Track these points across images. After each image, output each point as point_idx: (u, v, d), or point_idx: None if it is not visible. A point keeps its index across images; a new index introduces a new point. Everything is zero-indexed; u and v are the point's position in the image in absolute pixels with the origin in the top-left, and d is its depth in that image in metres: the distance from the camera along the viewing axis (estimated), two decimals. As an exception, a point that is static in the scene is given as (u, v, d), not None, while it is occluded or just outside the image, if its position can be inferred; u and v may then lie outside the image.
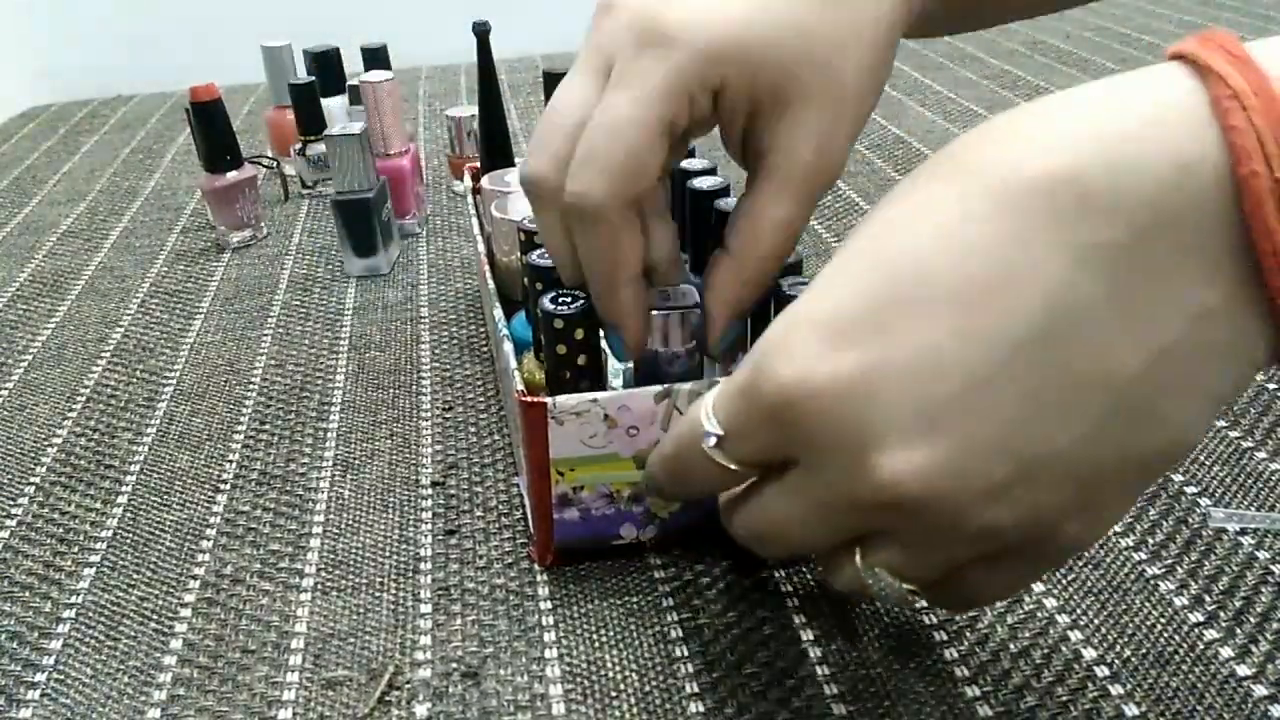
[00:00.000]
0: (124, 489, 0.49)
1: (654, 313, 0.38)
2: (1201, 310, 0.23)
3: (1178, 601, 0.38)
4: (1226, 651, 0.36)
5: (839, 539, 0.28)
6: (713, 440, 0.29)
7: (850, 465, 0.25)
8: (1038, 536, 0.26)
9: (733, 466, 0.29)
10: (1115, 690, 0.35)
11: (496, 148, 0.65)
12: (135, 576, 0.43)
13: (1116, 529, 0.42)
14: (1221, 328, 0.23)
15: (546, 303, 0.38)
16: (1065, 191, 0.23)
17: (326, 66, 0.85)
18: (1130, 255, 0.23)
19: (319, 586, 0.42)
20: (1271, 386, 0.50)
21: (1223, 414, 0.48)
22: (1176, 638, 0.36)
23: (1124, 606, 0.38)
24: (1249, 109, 0.22)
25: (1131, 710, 0.34)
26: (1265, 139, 0.21)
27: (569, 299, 0.38)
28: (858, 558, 0.28)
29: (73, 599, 0.42)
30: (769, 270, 0.37)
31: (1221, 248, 0.22)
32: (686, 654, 0.37)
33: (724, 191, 0.46)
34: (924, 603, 0.29)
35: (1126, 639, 0.37)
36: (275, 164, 0.88)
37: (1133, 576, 0.39)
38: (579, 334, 0.38)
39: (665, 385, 0.37)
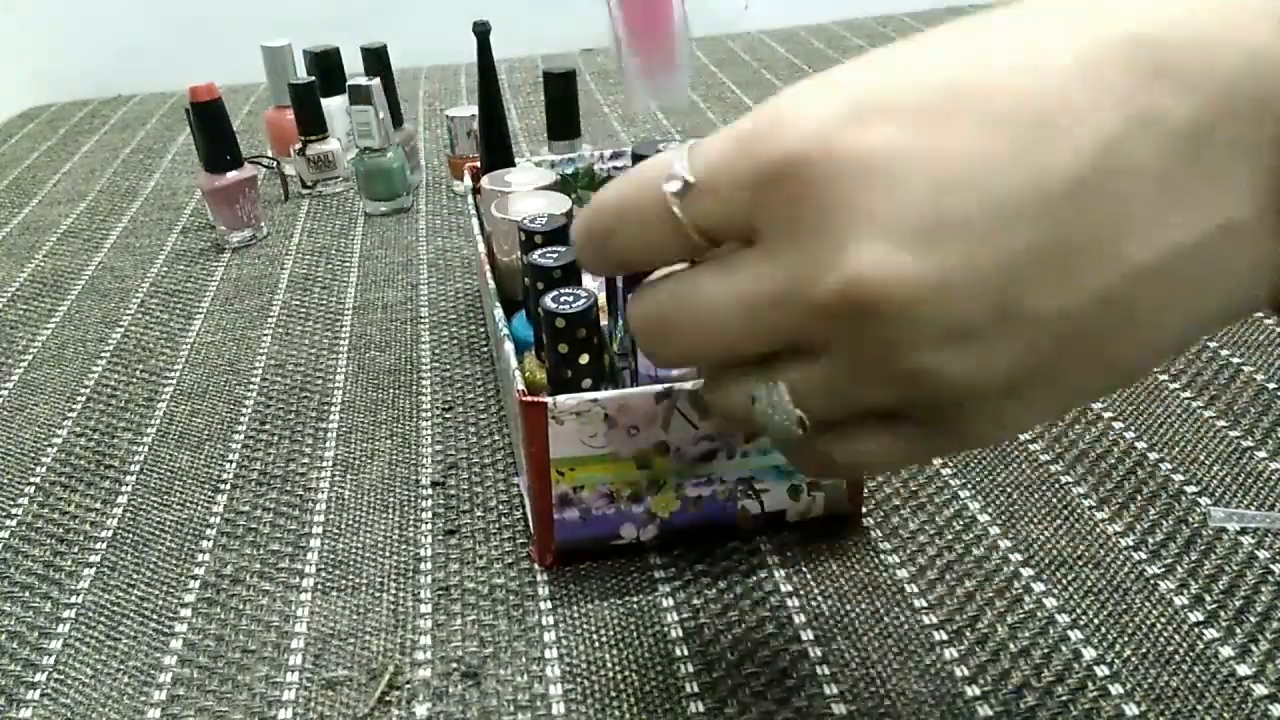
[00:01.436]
0: (124, 489, 0.49)
1: None
2: (1229, 221, 0.22)
3: (1178, 601, 0.38)
4: (1226, 651, 0.36)
5: (754, 345, 0.26)
6: (678, 184, 0.25)
7: (825, 250, 0.23)
8: (960, 409, 0.24)
9: (686, 222, 0.25)
10: (1115, 690, 0.35)
11: (496, 148, 0.65)
12: (135, 576, 0.43)
13: (1116, 528, 0.42)
14: (1241, 248, 0.22)
15: (549, 301, 0.38)
16: (1145, 54, 0.22)
17: (326, 66, 0.85)
18: (1187, 137, 0.22)
19: (319, 586, 0.42)
20: (1271, 386, 0.50)
21: (1223, 414, 0.49)
22: (1176, 637, 0.36)
23: (1124, 606, 0.38)
24: None
25: (1131, 710, 0.34)
26: None
27: (570, 298, 0.38)
28: (762, 372, 0.26)
29: (73, 599, 0.42)
30: None
31: (1270, 160, 0.22)
32: (686, 654, 0.37)
33: None
34: (798, 438, 0.27)
35: (1126, 639, 0.37)
36: (275, 164, 0.88)
37: (1133, 576, 0.39)
38: (581, 332, 0.38)
39: (666, 385, 0.37)
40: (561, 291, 0.39)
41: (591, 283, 0.47)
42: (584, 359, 0.38)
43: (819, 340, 0.25)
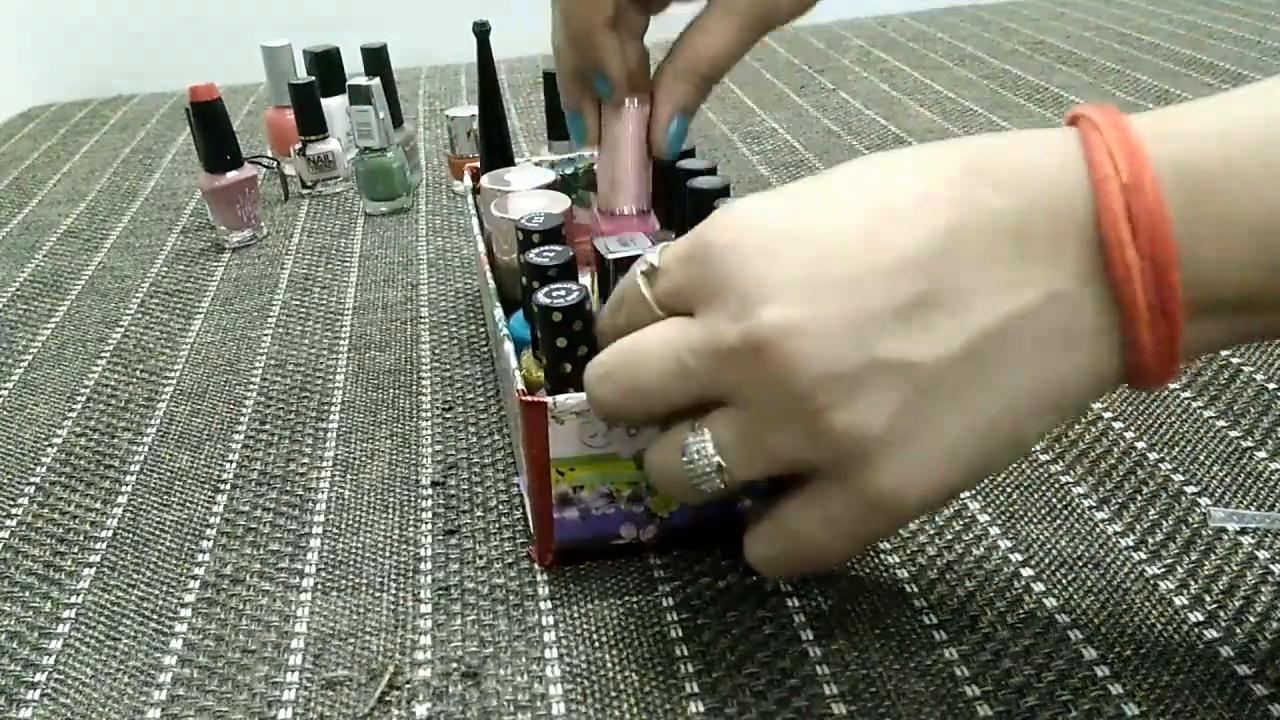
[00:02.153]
0: (124, 489, 0.49)
1: (611, 256, 0.42)
2: (1058, 291, 0.28)
3: (1178, 601, 0.38)
4: (1226, 651, 0.36)
5: (682, 393, 0.31)
6: (644, 265, 0.33)
7: (733, 309, 0.29)
8: (854, 457, 0.29)
9: (649, 298, 0.33)
10: (1115, 690, 0.35)
11: (496, 148, 0.65)
12: (135, 576, 0.43)
13: (1116, 528, 0.42)
14: (1072, 313, 0.28)
15: (541, 296, 0.38)
16: (971, 163, 0.29)
17: (326, 66, 0.85)
18: (1014, 222, 0.28)
19: (319, 586, 0.42)
20: (1272, 386, 0.50)
21: (1223, 414, 0.49)
22: (1176, 637, 0.36)
23: (1124, 606, 0.38)
24: (1104, 132, 0.28)
25: (1131, 710, 0.34)
26: (1116, 153, 0.27)
27: (564, 292, 0.38)
28: (691, 425, 0.32)
29: (73, 599, 0.42)
30: (702, 76, 0.45)
31: (1084, 243, 0.27)
32: (686, 654, 0.37)
33: (724, 191, 0.46)
34: (721, 490, 0.32)
35: (1126, 639, 0.37)
36: (275, 164, 0.88)
37: (1133, 576, 0.39)
38: (577, 325, 0.38)
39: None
40: (553, 287, 0.38)
41: (585, 279, 0.47)
42: (582, 351, 0.38)
43: (732, 390, 0.30)
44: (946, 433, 0.29)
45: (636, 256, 0.40)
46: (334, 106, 0.84)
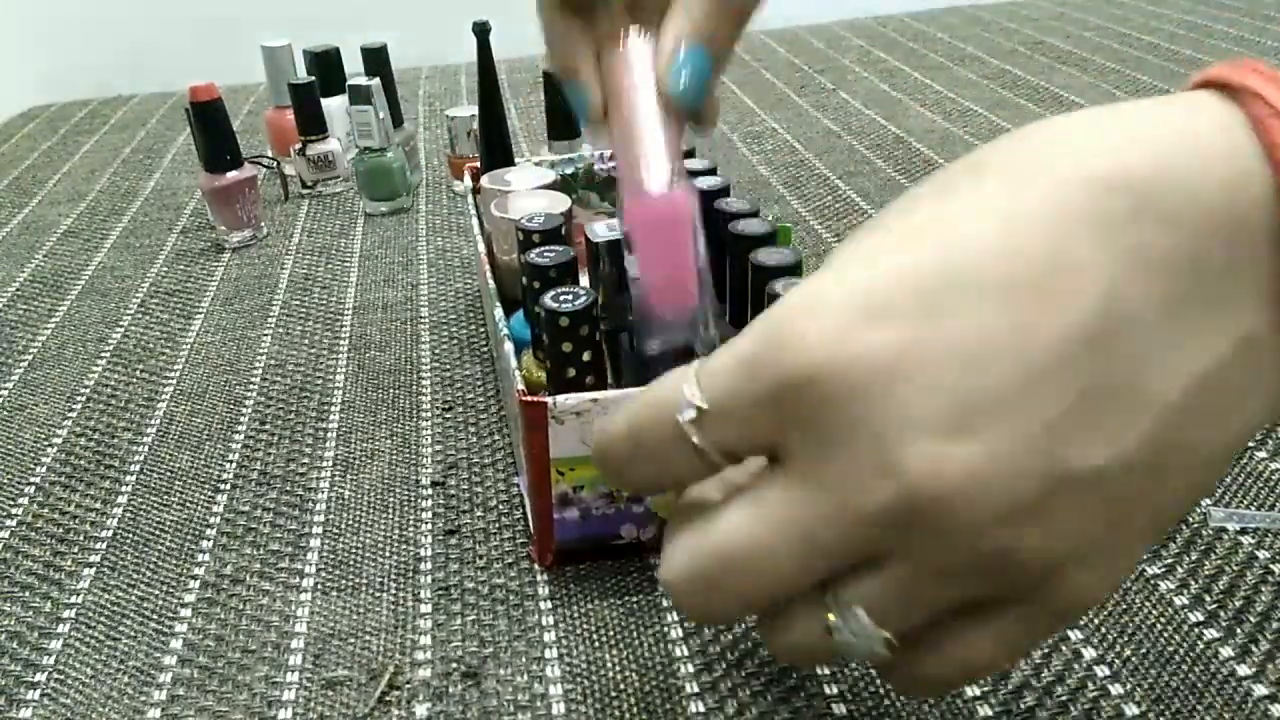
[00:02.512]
0: (124, 489, 0.49)
1: (598, 240, 0.40)
2: (1248, 337, 0.22)
3: (1178, 601, 0.38)
4: (1226, 651, 0.36)
5: (813, 574, 0.24)
6: (691, 413, 0.24)
7: (865, 461, 0.22)
8: (1046, 580, 0.24)
9: (706, 449, 0.25)
10: (1115, 690, 0.35)
11: (496, 148, 0.65)
12: (135, 576, 0.43)
13: (1116, 529, 0.42)
14: (1265, 357, 0.23)
15: (549, 301, 0.38)
16: (1121, 196, 0.22)
17: (326, 66, 0.85)
18: (1180, 268, 0.22)
19: (319, 586, 0.42)
20: (1271, 386, 0.50)
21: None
22: (1176, 637, 0.36)
23: (1124, 606, 0.38)
24: (1275, 103, 0.21)
25: (1131, 710, 0.34)
26: None
27: (570, 296, 0.38)
28: (828, 599, 0.25)
29: (73, 599, 0.42)
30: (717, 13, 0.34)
31: (1268, 268, 0.22)
32: (686, 654, 0.37)
33: (724, 191, 0.46)
34: (888, 657, 0.25)
35: (1126, 639, 0.37)
36: (275, 164, 0.88)
37: (1133, 576, 0.39)
38: (583, 330, 0.38)
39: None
40: (560, 290, 0.38)
41: (585, 278, 0.47)
42: (586, 356, 0.38)
43: (882, 550, 0.24)
44: (1141, 526, 0.24)
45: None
46: (334, 106, 0.84)
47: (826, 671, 0.36)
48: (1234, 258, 0.22)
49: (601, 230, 0.43)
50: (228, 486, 0.49)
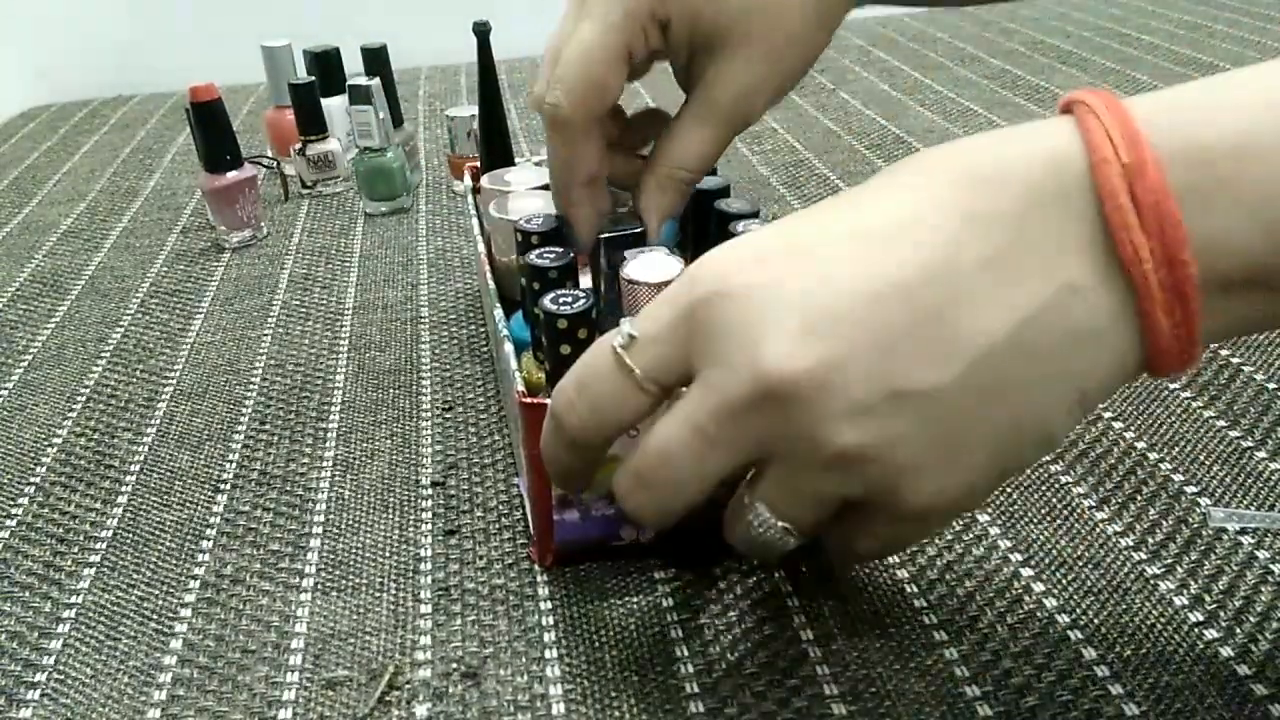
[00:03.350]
0: (124, 489, 0.49)
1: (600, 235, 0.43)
2: (1068, 283, 0.27)
3: (1178, 601, 0.38)
4: (1226, 651, 0.36)
5: (713, 465, 0.30)
6: (623, 338, 0.30)
7: (737, 360, 0.28)
8: (894, 481, 0.29)
9: (638, 374, 0.30)
10: (1115, 690, 0.35)
11: (496, 148, 0.65)
12: (135, 576, 0.43)
13: (1115, 528, 0.42)
14: (1087, 306, 0.27)
15: (548, 303, 0.38)
16: (962, 168, 0.28)
17: (326, 66, 0.85)
18: (1010, 224, 0.27)
19: (319, 586, 0.42)
20: (1271, 386, 0.50)
21: (1223, 414, 0.49)
22: (1176, 637, 0.36)
23: (1124, 606, 0.38)
24: (1100, 116, 0.27)
25: (1131, 710, 0.34)
26: (1114, 135, 0.26)
27: (570, 299, 0.38)
28: (744, 497, 0.31)
29: (73, 599, 0.42)
30: (684, 182, 0.44)
31: (1088, 231, 0.27)
32: (686, 654, 0.37)
33: (724, 191, 0.46)
34: (792, 547, 0.31)
35: (1126, 639, 0.37)
36: (275, 164, 0.88)
37: (1133, 576, 0.39)
38: (582, 333, 0.38)
39: None
40: (559, 292, 0.38)
41: (587, 281, 0.47)
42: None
43: (763, 448, 0.29)
44: (972, 446, 0.28)
45: (629, 233, 0.41)
46: (334, 106, 0.84)
47: (826, 672, 0.36)
48: (1059, 219, 0.27)
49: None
50: (228, 486, 0.49)
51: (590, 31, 0.40)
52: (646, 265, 0.40)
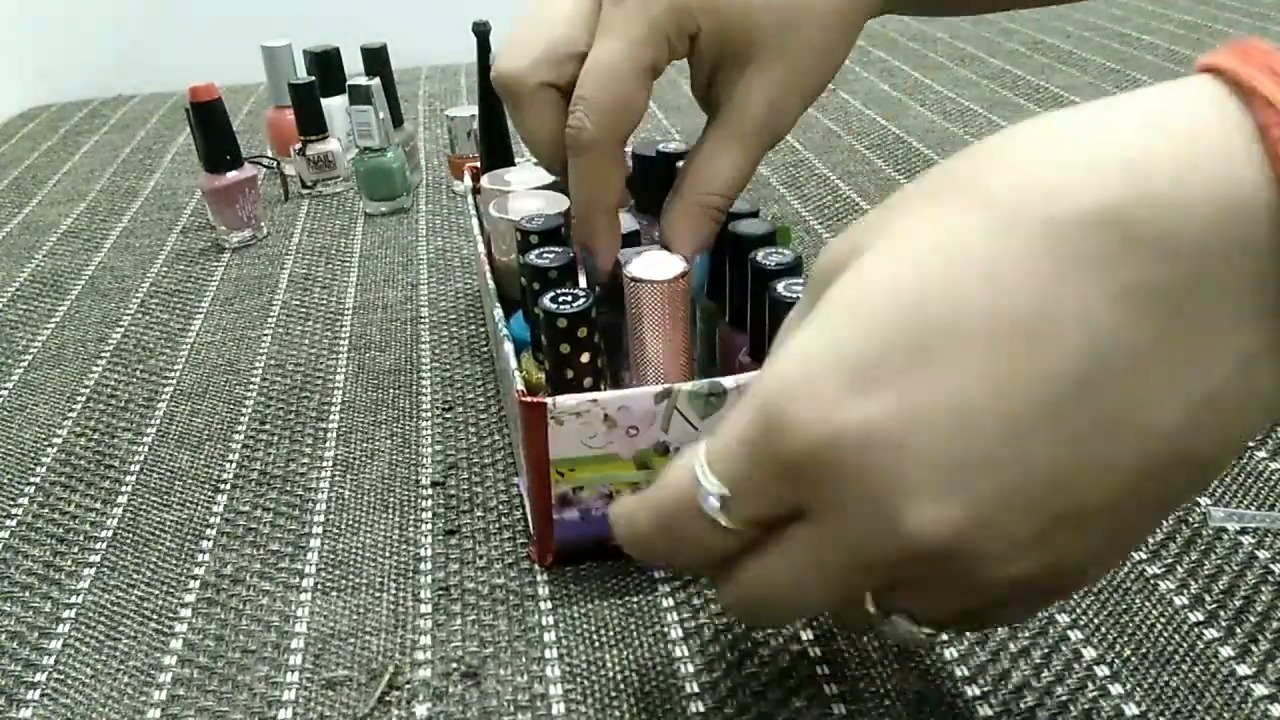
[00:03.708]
0: (124, 489, 0.49)
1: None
2: (1248, 355, 0.22)
3: (1178, 601, 0.38)
4: (1226, 651, 0.36)
5: (852, 596, 0.27)
6: (715, 502, 0.26)
7: (876, 519, 0.23)
8: (1059, 580, 0.26)
9: (737, 528, 0.26)
10: (1115, 690, 0.35)
11: (496, 148, 0.65)
12: (135, 576, 0.43)
13: (1116, 529, 0.42)
14: (1266, 373, 0.22)
15: (548, 302, 0.38)
16: (1109, 231, 0.21)
17: (326, 66, 0.85)
18: (1176, 298, 0.21)
19: (319, 586, 0.42)
20: (1271, 386, 0.50)
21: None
22: (1176, 637, 0.36)
23: (1124, 606, 0.38)
24: None
25: (1131, 710, 0.34)
26: None
27: (569, 298, 0.38)
28: (870, 606, 0.27)
29: (73, 599, 0.42)
30: (716, 209, 0.41)
31: (1271, 289, 0.21)
32: (686, 654, 0.37)
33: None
34: (941, 638, 0.30)
35: (1126, 638, 0.37)
36: (275, 164, 0.88)
37: (1133, 576, 0.39)
38: (582, 332, 0.38)
39: (665, 385, 0.37)
40: (559, 292, 0.38)
41: (583, 279, 0.47)
42: (585, 358, 0.38)
43: (908, 581, 0.26)
44: (1144, 526, 0.26)
45: (633, 231, 0.40)
46: (334, 106, 0.84)
47: (826, 672, 0.36)
48: (1230, 283, 0.21)
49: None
50: (228, 486, 0.49)
51: (614, 48, 0.38)
52: (649, 264, 0.40)
